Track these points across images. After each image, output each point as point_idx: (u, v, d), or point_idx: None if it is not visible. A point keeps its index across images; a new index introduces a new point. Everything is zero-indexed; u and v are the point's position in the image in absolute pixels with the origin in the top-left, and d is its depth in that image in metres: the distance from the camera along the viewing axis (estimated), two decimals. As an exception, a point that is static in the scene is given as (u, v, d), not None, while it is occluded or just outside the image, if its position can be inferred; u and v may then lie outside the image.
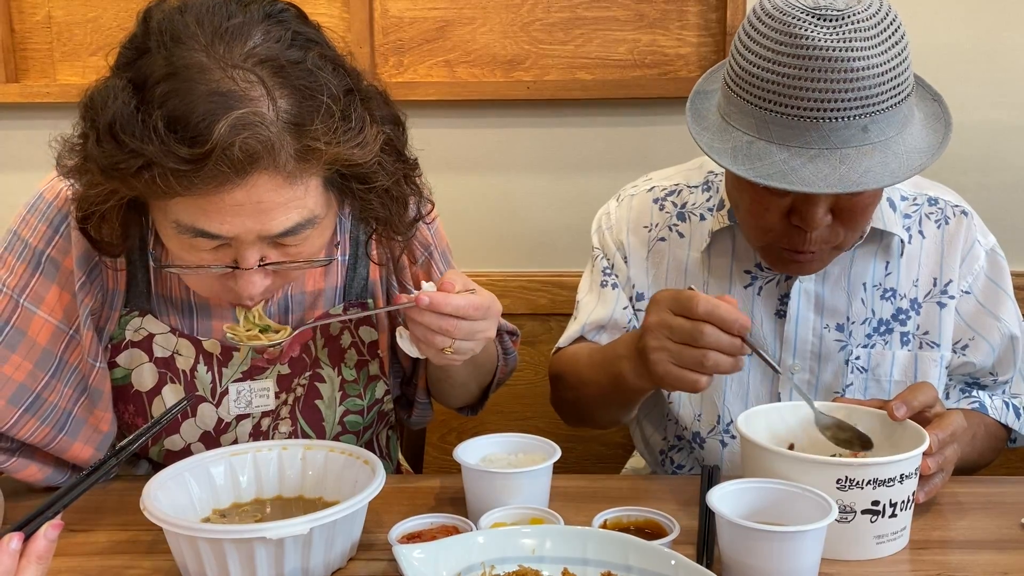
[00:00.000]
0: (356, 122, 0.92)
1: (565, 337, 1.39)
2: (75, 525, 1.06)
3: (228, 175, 0.86)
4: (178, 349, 1.13)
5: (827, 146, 1.04)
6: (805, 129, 1.04)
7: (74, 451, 1.11)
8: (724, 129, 1.11)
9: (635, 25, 1.82)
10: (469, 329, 1.02)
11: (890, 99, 1.04)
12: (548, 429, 1.92)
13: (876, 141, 1.04)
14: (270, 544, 0.88)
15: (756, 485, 0.96)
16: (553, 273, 1.91)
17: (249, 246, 0.94)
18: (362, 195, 0.99)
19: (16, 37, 1.88)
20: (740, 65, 1.08)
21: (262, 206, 0.90)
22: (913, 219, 1.28)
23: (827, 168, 1.03)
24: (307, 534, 0.89)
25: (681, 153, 1.82)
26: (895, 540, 0.99)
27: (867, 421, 1.07)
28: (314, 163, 0.91)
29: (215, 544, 0.88)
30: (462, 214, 1.92)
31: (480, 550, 0.89)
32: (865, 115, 1.03)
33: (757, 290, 1.29)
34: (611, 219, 1.38)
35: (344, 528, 0.95)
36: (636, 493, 1.14)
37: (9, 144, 1.94)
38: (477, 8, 1.83)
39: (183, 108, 0.85)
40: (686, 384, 1.07)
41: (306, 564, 0.92)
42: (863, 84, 1.02)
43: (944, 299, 1.27)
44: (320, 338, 1.17)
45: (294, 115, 0.88)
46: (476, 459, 1.07)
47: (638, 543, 0.88)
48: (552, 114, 1.87)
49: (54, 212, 1.08)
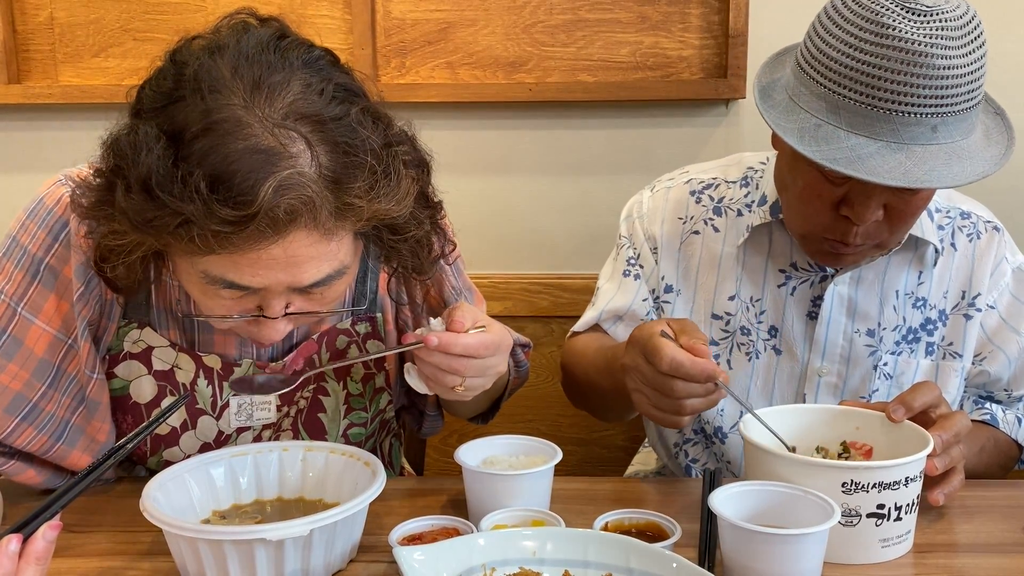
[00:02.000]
0: (395, 178, 0.90)
1: (581, 322, 1.38)
2: (75, 526, 1.06)
3: (268, 234, 0.85)
4: (178, 363, 1.11)
5: (895, 140, 1.03)
6: (877, 119, 1.03)
7: (72, 459, 1.10)
8: (791, 109, 1.10)
9: (637, 27, 1.82)
10: (480, 367, 1.00)
11: (964, 102, 1.04)
12: (550, 431, 1.92)
13: (943, 143, 1.04)
14: (270, 545, 0.88)
15: (758, 488, 0.96)
16: (555, 275, 1.90)
17: (277, 296, 0.93)
18: (392, 244, 0.98)
19: (18, 38, 1.88)
20: (818, 47, 1.07)
21: (296, 259, 0.89)
22: (946, 231, 1.28)
23: (894, 161, 1.02)
24: (307, 536, 0.88)
25: (684, 155, 1.83)
26: (900, 544, 0.98)
27: (870, 425, 1.07)
28: (352, 220, 0.90)
29: (215, 545, 0.88)
30: (464, 216, 1.91)
31: (481, 552, 0.88)
32: (938, 115, 1.03)
33: (791, 290, 1.28)
34: (643, 208, 1.36)
35: (344, 530, 0.94)
36: (637, 495, 1.13)
37: (11, 145, 1.94)
38: (479, 10, 1.83)
39: (225, 167, 0.82)
40: (668, 425, 1.08)
41: (306, 566, 0.91)
42: (942, 83, 1.01)
43: (971, 312, 1.27)
44: (325, 353, 1.14)
45: (335, 172, 0.86)
46: (477, 461, 1.06)
47: (639, 546, 0.87)
48: (554, 116, 1.87)
49: (54, 219, 1.06)
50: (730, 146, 1.84)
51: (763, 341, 1.29)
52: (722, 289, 1.31)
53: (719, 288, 1.31)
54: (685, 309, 1.33)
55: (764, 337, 1.29)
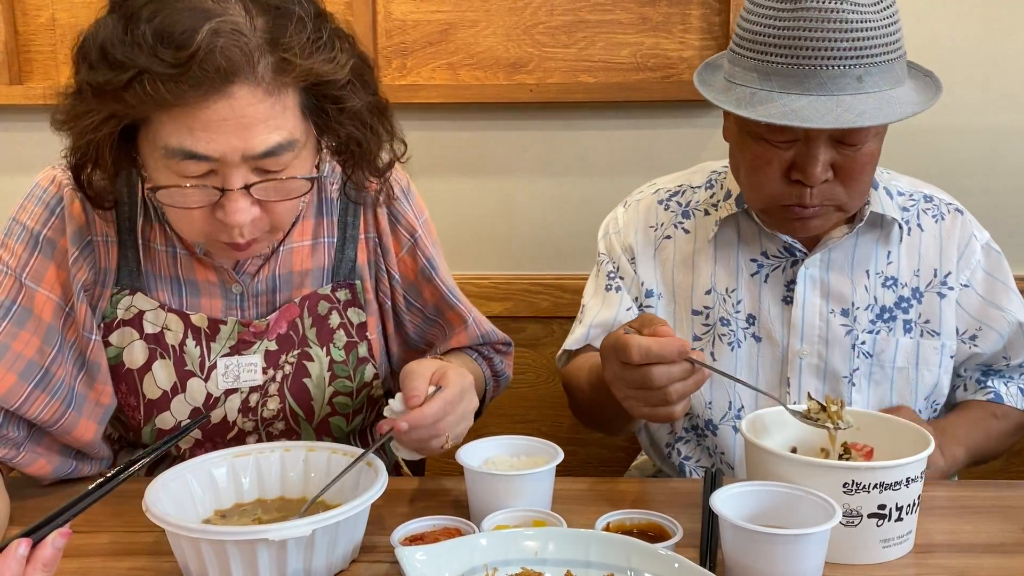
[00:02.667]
0: (328, 40, 0.99)
1: (571, 340, 1.40)
2: (77, 526, 1.05)
3: (212, 82, 0.92)
4: (167, 324, 1.15)
5: (825, 92, 1.11)
6: (804, 77, 1.11)
7: (80, 429, 1.13)
8: (728, 88, 1.19)
9: (638, 28, 1.82)
10: (455, 420, 1.03)
11: (883, 54, 1.12)
12: (551, 432, 1.92)
13: (871, 91, 1.12)
14: (272, 545, 0.88)
15: (759, 488, 0.96)
16: (555, 276, 1.90)
17: (234, 168, 0.97)
18: (336, 117, 1.03)
19: (20, 39, 1.88)
20: (744, 28, 1.17)
21: (244, 121, 0.95)
22: (911, 212, 1.33)
23: (824, 109, 1.10)
24: (309, 536, 0.89)
25: (684, 156, 1.83)
26: (901, 544, 0.98)
27: (870, 425, 1.07)
28: (290, 76, 0.97)
29: (217, 545, 0.88)
30: (465, 216, 1.92)
31: (483, 552, 0.88)
32: (860, 65, 1.11)
33: (764, 277, 1.32)
34: (619, 224, 1.42)
35: (347, 530, 0.94)
36: (639, 496, 1.13)
37: (13, 146, 1.94)
38: (480, 11, 1.83)
39: (168, 22, 0.92)
40: (663, 419, 1.09)
41: (308, 565, 0.92)
42: (857, 35, 1.09)
43: (944, 290, 1.31)
44: (308, 317, 1.18)
45: (270, 31, 0.95)
46: (479, 461, 1.06)
47: (641, 546, 0.88)
48: (555, 117, 1.87)
49: (49, 196, 1.13)
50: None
51: (743, 330, 1.33)
52: (698, 285, 1.35)
53: (695, 284, 1.35)
54: (667, 310, 1.37)
55: (743, 326, 1.33)
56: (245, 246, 1.05)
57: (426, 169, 1.89)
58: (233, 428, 1.19)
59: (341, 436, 1.25)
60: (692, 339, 1.35)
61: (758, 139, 1.19)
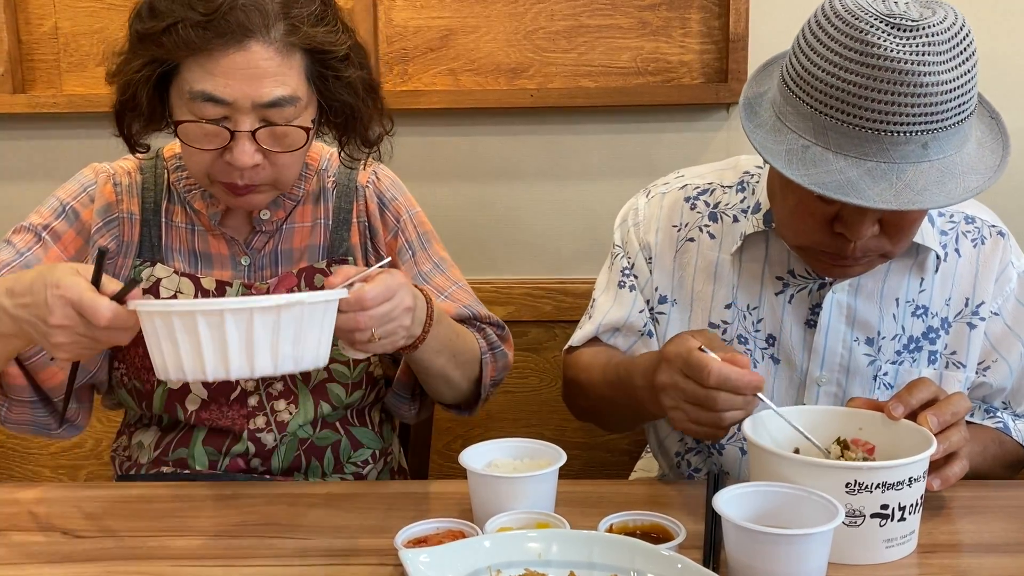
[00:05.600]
0: (331, 18, 1.17)
1: (579, 336, 1.37)
2: (80, 532, 1.07)
3: (234, 34, 1.09)
4: (180, 288, 1.27)
5: (885, 160, 1.01)
6: (865, 140, 1.01)
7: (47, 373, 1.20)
8: (778, 129, 1.07)
9: (638, 33, 1.83)
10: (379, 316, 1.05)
11: (954, 117, 1.01)
12: (554, 435, 1.92)
13: (935, 159, 1.01)
14: (240, 318, 0.91)
15: (762, 489, 0.96)
16: (557, 280, 1.91)
17: (244, 114, 1.12)
18: (334, 84, 1.18)
19: (23, 48, 1.89)
20: (803, 65, 1.04)
21: (257, 72, 1.11)
22: (950, 236, 1.25)
23: (884, 183, 1.00)
24: (276, 318, 0.93)
25: (685, 159, 1.83)
26: (904, 544, 0.98)
27: (873, 425, 1.07)
28: (297, 38, 1.13)
29: (187, 318, 0.91)
30: (466, 221, 1.92)
31: (486, 554, 0.88)
32: (928, 131, 1.00)
33: (788, 298, 1.26)
34: (639, 215, 1.34)
35: (313, 320, 0.96)
36: (642, 497, 1.14)
37: (16, 154, 1.95)
38: (481, 17, 1.84)
39: None
40: (706, 438, 1.08)
41: (275, 351, 0.94)
42: (930, 100, 0.98)
43: (975, 320, 1.24)
44: (305, 287, 1.28)
45: (285, 2, 1.13)
46: (482, 464, 1.07)
47: (644, 547, 0.88)
48: (556, 121, 1.88)
49: (85, 178, 1.30)
50: (731, 150, 1.85)
51: (760, 350, 1.27)
52: (718, 297, 1.28)
53: (715, 296, 1.28)
54: (681, 319, 1.31)
55: (762, 346, 1.27)
56: (244, 190, 1.17)
57: (428, 174, 1.90)
58: (236, 388, 1.26)
59: (340, 406, 1.29)
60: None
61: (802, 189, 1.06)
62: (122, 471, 1.33)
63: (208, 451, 1.26)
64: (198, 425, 1.26)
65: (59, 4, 1.87)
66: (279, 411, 1.26)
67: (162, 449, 1.28)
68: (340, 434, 1.31)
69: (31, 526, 1.08)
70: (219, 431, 1.26)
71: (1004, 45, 1.77)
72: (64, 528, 1.07)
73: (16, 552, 1.02)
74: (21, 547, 1.03)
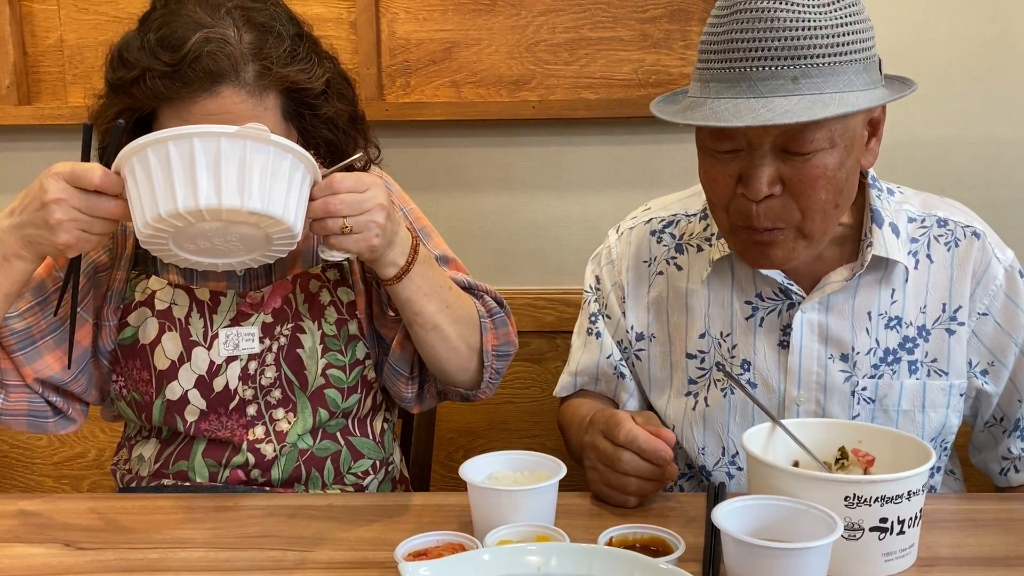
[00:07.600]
0: (304, 55, 1.16)
1: (559, 387, 1.41)
2: (81, 543, 1.07)
3: (202, 82, 1.09)
4: (175, 299, 1.27)
5: (755, 94, 1.05)
6: (736, 80, 1.06)
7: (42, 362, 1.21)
8: (673, 100, 1.18)
9: (639, 45, 1.84)
10: (349, 203, 1.09)
11: (825, 55, 1.04)
12: (554, 447, 1.91)
13: (807, 93, 1.04)
14: (209, 143, 0.98)
15: (761, 502, 0.96)
16: (559, 291, 1.91)
17: None
18: (312, 121, 1.19)
19: (28, 60, 1.91)
20: (700, 43, 1.13)
21: (229, 117, 1.10)
22: (921, 243, 1.23)
23: (749, 113, 1.04)
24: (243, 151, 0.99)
25: (686, 172, 1.84)
26: (904, 557, 0.98)
27: (871, 437, 1.07)
28: (270, 81, 1.13)
29: (159, 147, 0.99)
30: (468, 232, 1.93)
31: (486, 567, 0.88)
32: (795, 66, 1.04)
33: (759, 321, 1.26)
34: (612, 254, 1.36)
35: (281, 168, 1.02)
36: (642, 510, 1.14)
37: (22, 165, 1.96)
38: (483, 29, 1.85)
39: (168, 31, 1.10)
40: (616, 503, 1.12)
41: (242, 184, 1.00)
42: (792, 35, 1.04)
43: (953, 326, 1.22)
44: (300, 293, 1.28)
45: (254, 44, 1.12)
46: (482, 477, 1.07)
47: (644, 560, 0.88)
48: (557, 133, 1.88)
49: None
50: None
51: (737, 376, 1.26)
52: (692, 328, 1.29)
53: (689, 326, 1.29)
54: (662, 353, 1.32)
55: (738, 372, 1.26)
56: None
57: (430, 185, 1.91)
58: (235, 397, 1.26)
59: (338, 412, 1.30)
60: (687, 383, 1.30)
61: (705, 152, 1.13)
62: (123, 484, 1.34)
63: (208, 463, 1.27)
64: (198, 436, 1.27)
65: (64, 17, 1.89)
66: (278, 420, 1.27)
67: (162, 462, 1.28)
68: (340, 445, 1.31)
69: (33, 537, 1.09)
70: (219, 443, 1.26)
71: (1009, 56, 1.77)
72: (66, 540, 1.08)
73: (17, 563, 1.03)
74: (22, 558, 1.04)
